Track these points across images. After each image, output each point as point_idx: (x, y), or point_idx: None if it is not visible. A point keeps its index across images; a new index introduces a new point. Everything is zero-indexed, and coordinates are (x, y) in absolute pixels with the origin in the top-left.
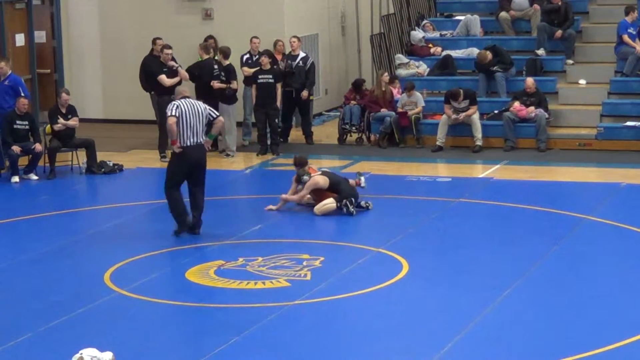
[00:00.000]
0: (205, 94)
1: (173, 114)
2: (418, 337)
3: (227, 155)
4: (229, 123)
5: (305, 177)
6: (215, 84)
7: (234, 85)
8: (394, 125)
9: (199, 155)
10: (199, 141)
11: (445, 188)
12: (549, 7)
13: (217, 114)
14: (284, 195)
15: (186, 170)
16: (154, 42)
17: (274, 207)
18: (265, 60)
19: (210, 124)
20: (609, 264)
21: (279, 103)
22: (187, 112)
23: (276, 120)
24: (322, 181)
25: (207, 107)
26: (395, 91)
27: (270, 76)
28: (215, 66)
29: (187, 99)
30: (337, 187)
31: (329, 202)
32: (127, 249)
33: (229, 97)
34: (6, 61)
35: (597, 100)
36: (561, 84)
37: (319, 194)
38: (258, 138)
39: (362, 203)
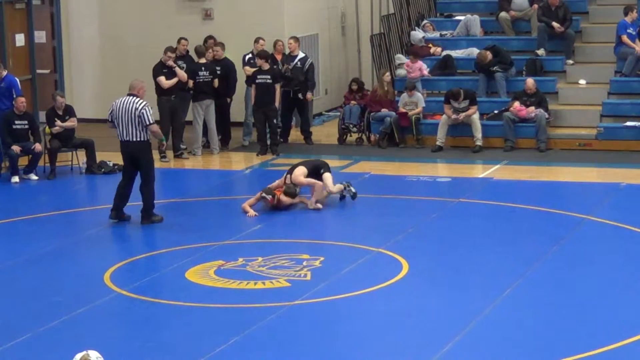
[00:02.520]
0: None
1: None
2: (418, 337)
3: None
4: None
5: (297, 190)
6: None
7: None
8: (394, 125)
9: (127, 151)
10: (128, 139)
11: (445, 188)
12: (546, 9)
13: (149, 122)
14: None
15: (125, 162)
16: (178, 41)
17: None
18: (261, 61)
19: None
20: (609, 264)
21: (277, 103)
22: (117, 110)
23: (275, 121)
24: (302, 172)
25: (141, 109)
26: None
27: (269, 76)
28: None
29: (128, 96)
30: (315, 166)
31: (320, 189)
32: (127, 249)
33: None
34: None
35: (597, 100)
36: (561, 84)
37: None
38: (258, 138)
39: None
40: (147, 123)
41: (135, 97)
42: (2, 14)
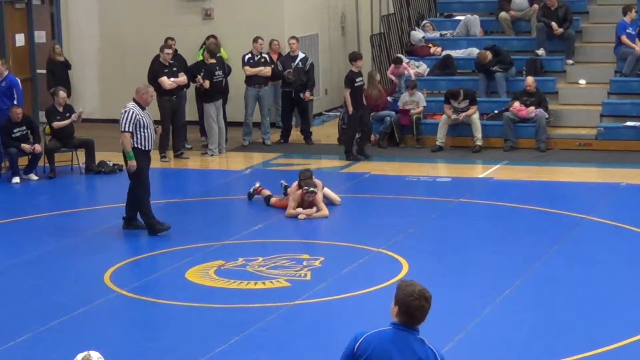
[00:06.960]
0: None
1: None
2: None
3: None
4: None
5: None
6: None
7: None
8: (395, 124)
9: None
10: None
11: (445, 188)
12: (546, 9)
13: (122, 128)
14: (291, 211)
15: None
16: (165, 41)
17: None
18: (359, 62)
19: None
20: (609, 264)
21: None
22: None
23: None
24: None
25: (122, 113)
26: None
27: (361, 78)
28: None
29: None
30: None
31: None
32: (127, 249)
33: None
34: (2, 62)
35: (597, 100)
36: (561, 84)
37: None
38: (348, 143)
39: None
40: (121, 129)
41: (131, 102)
42: (2, 14)
